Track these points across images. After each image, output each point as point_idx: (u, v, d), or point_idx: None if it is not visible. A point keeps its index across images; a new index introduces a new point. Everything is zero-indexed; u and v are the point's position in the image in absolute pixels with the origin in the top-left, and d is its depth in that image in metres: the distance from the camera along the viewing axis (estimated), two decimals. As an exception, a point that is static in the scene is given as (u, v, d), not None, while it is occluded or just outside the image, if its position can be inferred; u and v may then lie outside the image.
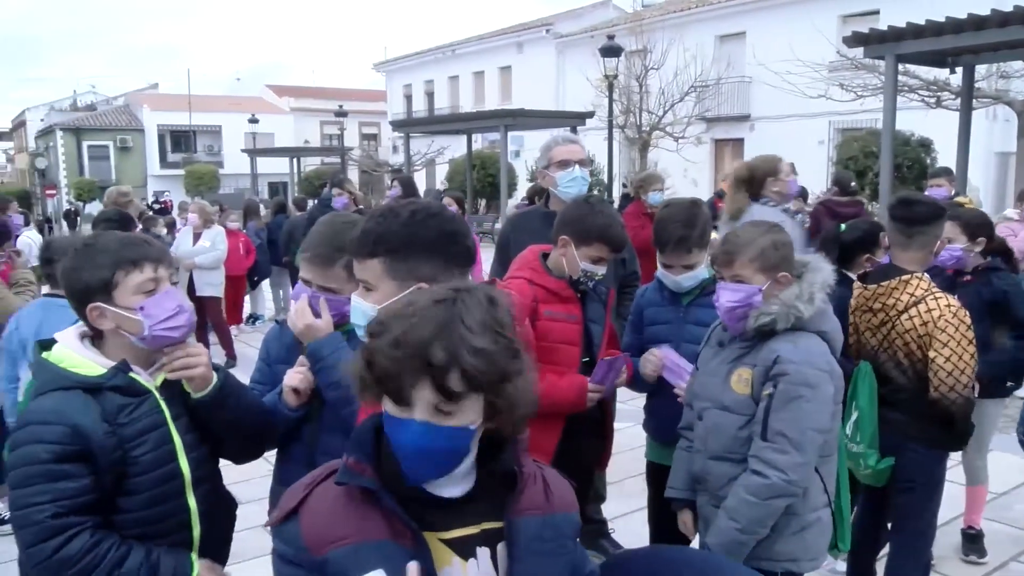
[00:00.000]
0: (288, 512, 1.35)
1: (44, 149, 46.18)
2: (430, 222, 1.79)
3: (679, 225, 2.88)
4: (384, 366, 1.23)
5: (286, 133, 42.90)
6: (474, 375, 1.21)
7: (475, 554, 1.34)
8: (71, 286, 1.93)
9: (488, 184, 26.08)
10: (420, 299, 1.28)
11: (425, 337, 1.21)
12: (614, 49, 18.81)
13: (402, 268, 1.76)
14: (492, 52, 35.11)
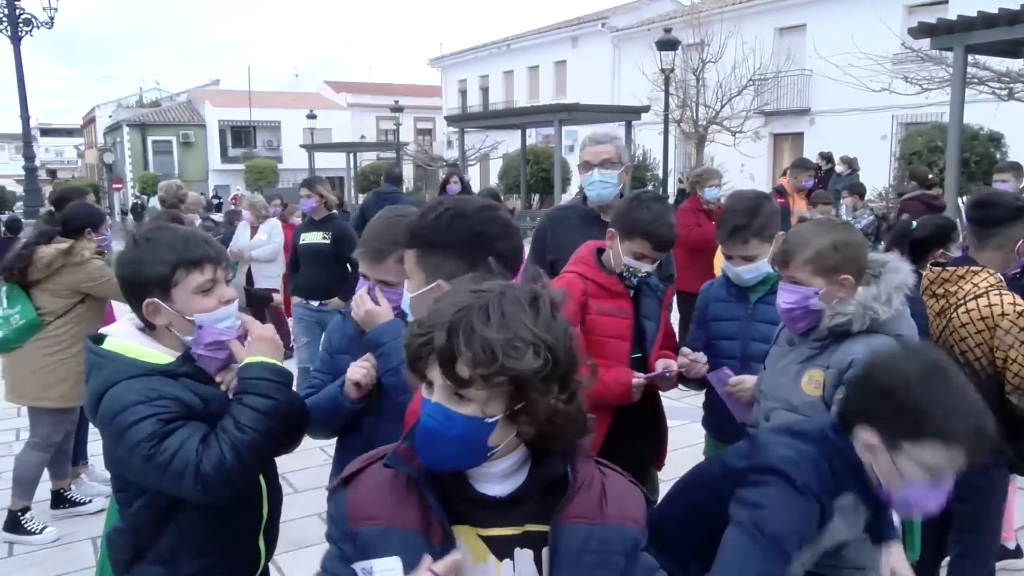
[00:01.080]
0: (343, 480, 1.42)
1: (111, 144, 47.67)
2: (457, 223, 1.82)
3: (740, 214, 2.82)
4: (407, 347, 1.29)
5: (343, 128, 43.50)
6: (477, 364, 1.20)
7: (513, 555, 1.34)
8: (129, 277, 1.93)
9: (542, 179, 26.02)
10: (460, 287, 1.32)
11: (437, 322, 1.24)
12: (671, 42, 18.58)
13: (429, 263, 1.84)
14: (547, 46, 35.02)
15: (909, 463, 1.64)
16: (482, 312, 1.22)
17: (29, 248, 4.29)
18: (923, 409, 1.59)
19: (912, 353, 1.64)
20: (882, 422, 1.65)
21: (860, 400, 1.70)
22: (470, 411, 1.25)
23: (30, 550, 4.39)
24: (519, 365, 1.20)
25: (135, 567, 1.95)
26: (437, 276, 1.79)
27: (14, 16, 15.85)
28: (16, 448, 5.29)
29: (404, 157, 30.37)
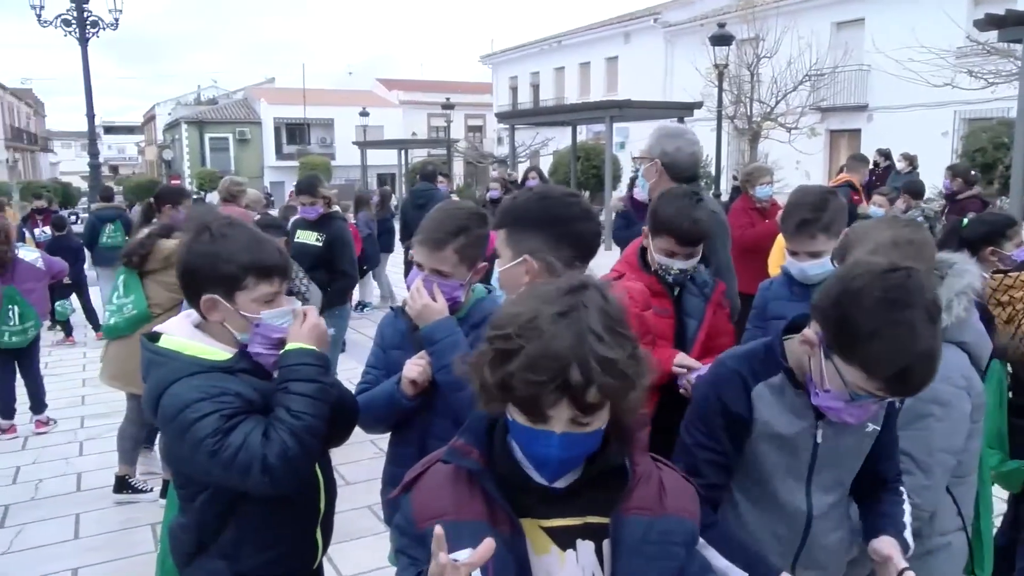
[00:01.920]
0: (404, 486, 1.43)
1: (170, 141, 48.92)
2: (542, 203, 2.05)
3: (807, 208, 2.77)
4: (522, 392, 1.23)
5: (395, 125, 43.92)
6: (611, 389, 1.22)
7: (575, 545, 1.35)
8: (197, 269, 1.91)
9: (592, 176, 25.92)
10: (543, 310, 1.25)
11: (561, 358, 1.20)
12: (725, 37, 18.34)
13: (516, 239, 2.03)
14: (598, 42, 34.84)
15: (833, 373, 1.64)
16: (594, 337, 1.22)
17: (152, 238, 4.48)
18: (858, 333, 1.56)
19: (883, 276, 1.57)
20: (825, 325, 1.64)
21: (820, 297, 1.68)
22: (592, 429, 1.28)
23: (93, 534, 4.55)
24: (643, 378, 1.27)
25: (197, 560, 2.00)
26: (523, 251, 2.00)
27: (82, 19, 16.36)
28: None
29: (455, 154, 30.53)
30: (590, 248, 2.10)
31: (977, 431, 2.22)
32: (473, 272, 2.24)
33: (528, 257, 1.99)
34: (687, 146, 3.44)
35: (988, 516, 2.50)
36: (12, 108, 49.02)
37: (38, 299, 6.12)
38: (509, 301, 1.37)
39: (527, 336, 1.23)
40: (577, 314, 1.24)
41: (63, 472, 5.51)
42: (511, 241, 2.04)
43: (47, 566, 4.18)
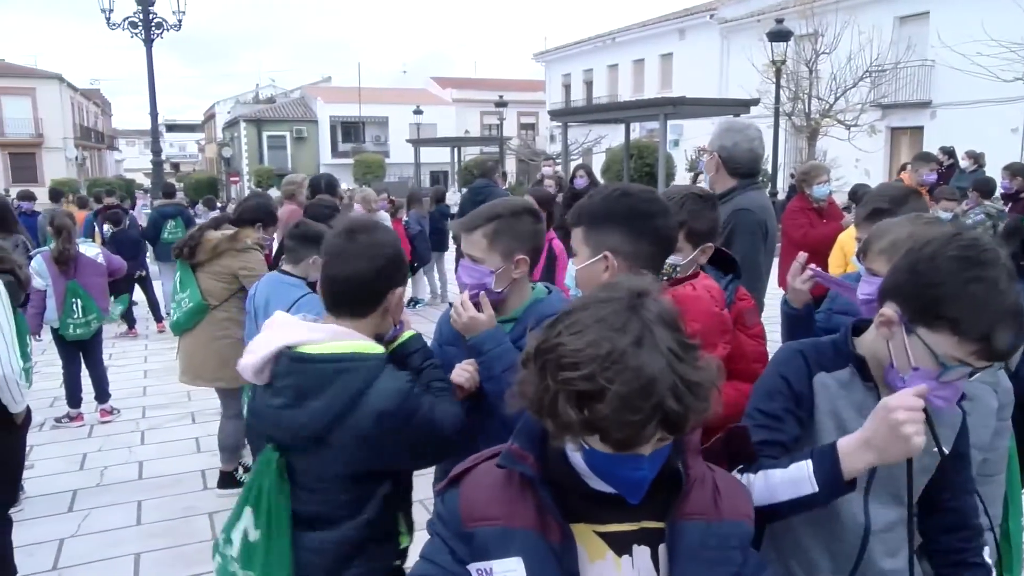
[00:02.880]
0: (451, 480, 1.43)
1: (229, 139, 49.99)
2: (623, 200, 2.03)
3: (885, 199, 2.71)
4: (618, 433, 1.18)
5: (448, 123, 44.20)
6: (702, 409, 1.21)
7: (631, 551, 1.33)
8: (400, 267, 2.11)
9: (645, 174, 25.70)
10: (617, 341, 1.19)
11: (656, 392, 1.16)
12: (783, 33, 18.01)
13: (596, 237, 2.02)
14: (653, 39, 34.53)
15: (920, 348, 1.56)
16: (675, 358, 1.19)
17: (200, 230, 4.61)
18: (941, 295, 1.49)
19: (954, 239, 1.53)
20: (904, 299, 1.58)
21: (891, 275, 1.63)
22: (667, 442, 1.27)
23: (154, 520, 4.69)
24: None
25: (356, 565, 2.01)
26: (603, 249, 2.00)
27: (147, 21, 16.83)
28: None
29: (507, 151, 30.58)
30: (670, 244, 2.12)
31: (1005, 429, 2.16)
32: (512, 263, 2.20)
33: (609, 254, 1.99)
34: (745, 141, 3.41)
35: (1018, 517, 2.42)
36: (82, 108, 50.69)
37: (99, 293, 6.35)
38: (564, 325, 1.26)
39: (612, 374, 1.16)
40: (652, 338, 1.19)
41: (126, 460, 5.70)
42: (590, 238, 2.03)
43: (112, 550, 4.33)
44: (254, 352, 1.98)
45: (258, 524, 1.95)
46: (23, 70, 45.61)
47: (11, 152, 43.67)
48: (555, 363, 1.22)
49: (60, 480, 5.29)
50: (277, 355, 1.97)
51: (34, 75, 45.19)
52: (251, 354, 1.98)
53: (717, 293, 2.17)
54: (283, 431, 1.97)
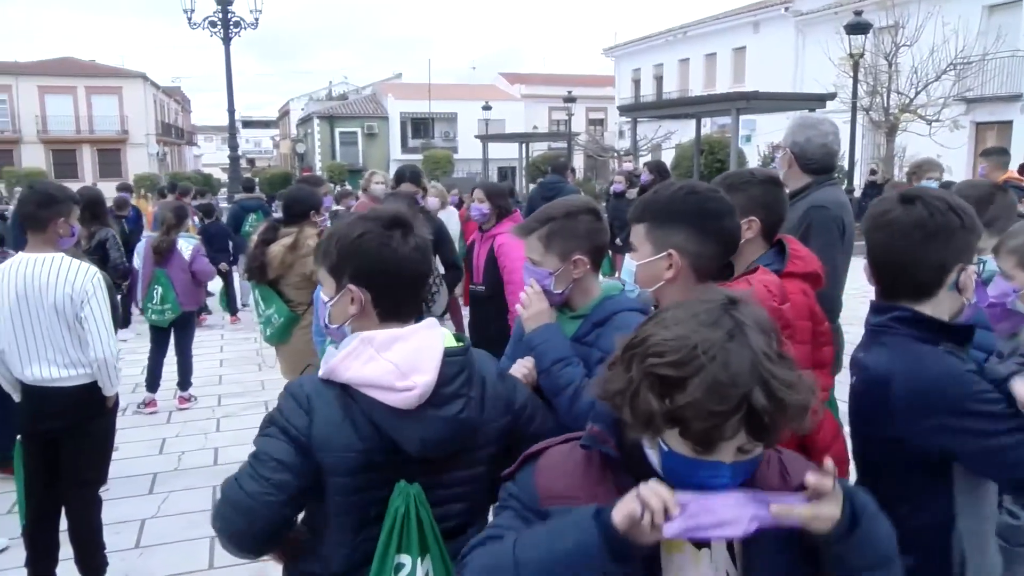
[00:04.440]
0: (523, 460, 1.46)
1: (303, 135, 51.15)
2: (690, 198, 1.98)
3: (970, 200, 2.62)
4: (700, 424, 1.16)
5: (516, 119, 44.27)
6: (795, 410, 1.18)
7: (710, 544, 1.32)
8: (413, 275, 1.85)
9: (716, 170, 25.27)
10: (707, 333, 1.19)
11: (743, 383, 1.15)
12: (861, 26, 17.49)
13: (659, 234, 1.97)
14: (726, 33, 33.94)
15: None
16: (767, 357, 1.18)
17: (260, 248, 4.53)
18: None
19: None
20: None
21: None
22: (754, 455, 1.23)
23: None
24: (814, 398, 1.22)
25: None
26: (667, 246, 1.95)
27: (226, 20, 17.34)
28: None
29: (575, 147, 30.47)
30: (735, 244, 2.07)
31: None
32: (570, 263, 2.21)
33: (673, 252, 1.94)
34: (818, 137, 3.34)
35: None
36: (163, 105, 52.55)
37: (180, 287, 6.62)
38: (654, 323, 1.27)
39: (699, 362, 1.16)
40: (744, 337, 1.18)
41: (202, 446, 5.90)
42: (653, 235, 1.98)
43: (189, 532, 4.49)
44: (423, 371, 1.69)
45: (433, 564, 1.75)
46: (111, 70, 47.56)
47: (99, 148, 45.64)
48: (642, 354, 1.21)
49: (141, 463, 5.50)
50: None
51: (120, 75, 47.05)
52: (421, 374, 1.68)
53: (775, 287, 2.11)
54: (453, 442, 1.75)
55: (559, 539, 1.26)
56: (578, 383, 2.10)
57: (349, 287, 1.76)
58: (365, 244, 1.75)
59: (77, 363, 3.50)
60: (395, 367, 1.67)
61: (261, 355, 8.37)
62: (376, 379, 1.67)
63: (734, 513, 1.20)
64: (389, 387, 1.66)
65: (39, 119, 44.35)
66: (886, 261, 1.80)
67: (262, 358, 8.26)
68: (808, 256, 2.40)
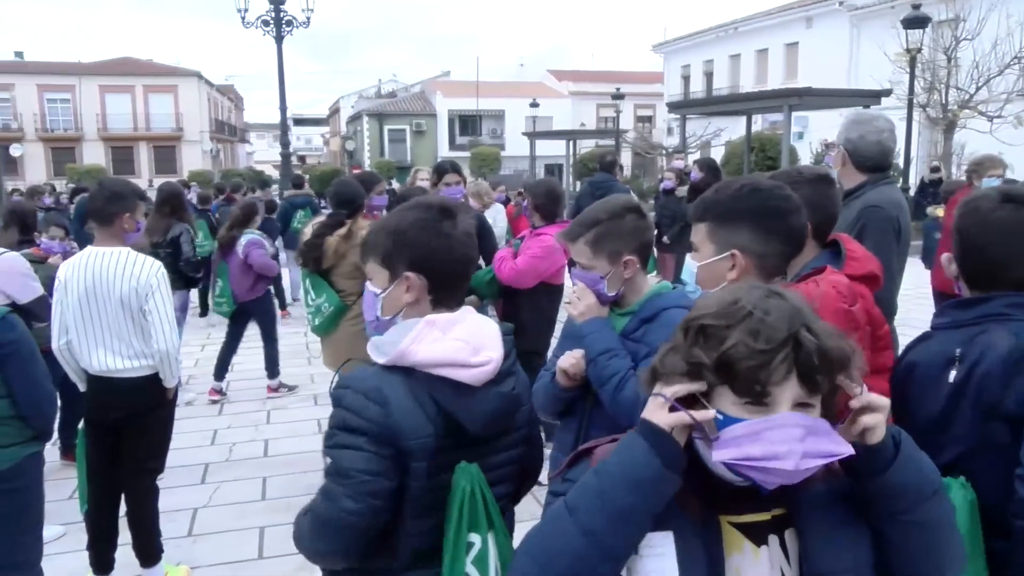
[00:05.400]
0: (578, 455, 1.42)
1: (352, 133, 51.73)
2: (752, 196, 1.94)
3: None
4: (747, 362, 1.16)
5: (564, 116, 44.18)
6: (838, 356, 1.18)
7: (767, 541, 1.29)
8: (466, 259, 1.87)
9: (767, 167, 24.89)
10: (747, 293, 1.23)
11: (782, 327, 1.16)
12: (919, 19, 17.04)
13: (722, 234, 1.94)
14: (778, 28, 33.40)
15: None
16: (808, 314, 1.21)
17: (320, 239, 4.62)
18: None
19: None
20: None
21: None
22: (815, 410, 1.21)
23: (278, 496, 4.93)
24: (859, 358, 1.23)
25: None
26: (730, 246, 1.92)
27: (279, 19, 17.63)
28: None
29: (623, 144, 30.29)
30: (800, 243, 2.03)
31: None
32: (619, 265, 2.21)
33: (737, 252, 1.91)
34: (873, 134, 3.25)
35: None
36: (217, 103, 53.63)
37: (236, 281, 6.78)
38: (699, 303, 1.31)
39: (741, 313, 1.19)
40: (782, 296, 1.23)
41: (252, 438, 6.01)
42: (715, 235, 1.95)
43: (239, 522, 4.58)
44: (493, 347, 1.75)
45: (497, 538, 1.78)
46: (167, 69, 48.71)
47: (155, 145, 46.83)
48: (686, 321, 1.27)
49: (193, 453, 5.63)
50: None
51: (176, 73, 48.17)
52: (491, 350, 1.74)
53: (844, 288, 2.06)
54: (506, 418, 1.81)
55: (605, 472, 1.26)
56: (623, 374, 2.12)
57: (407, 275, 1.77)
58: (420, 231, 1.77)
59: (140, 354, 3.61)
60: (466, 343, 1.70)
61: (310, 349, 8.50)
62: (449, 357, 1.68)
63: (786, 446, 1.17)
64: (464, 364, 1.68)
65: (99, 117, 45.66)
66: (985, 258, 1.86)
67: (311, 352, 8.39)
68: (865, 256, 2.35)
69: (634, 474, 1.22)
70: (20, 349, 2.85)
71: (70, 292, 3.55)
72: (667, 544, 1.26)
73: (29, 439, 2.97)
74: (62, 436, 5.24)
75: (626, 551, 1.25)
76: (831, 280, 2.08)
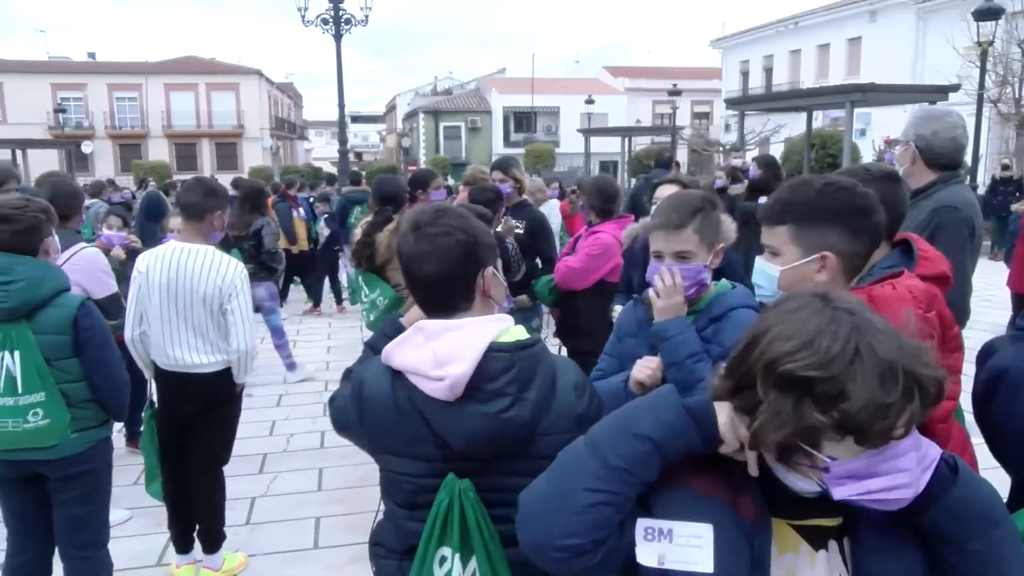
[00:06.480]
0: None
1: (408, 130, 52.17)
2: (840, 195, 1.87)
3: None
4: (880, 423, 1.09)
5: (619, 113, 43.88)
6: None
7: (827, 546, 1.27)
8: (481, 245, 1.83)
9: (828, 165, 24.34)
10: (827, 327, 1.13)
11: (906, 361, 1.10)
12: (992, 11, 16.44)
13: (809, 235, 1.87)
14: (840, 22, 32.65)
15: None
16: (910, 347, 1.15)
17: (370, 237, 4.68)
18: None
19: None
20: None
21: None
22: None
23: (333, 487, 5.00)
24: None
25: None
26: (818, 248, 1.85)
27: (338, 17, 17.86)
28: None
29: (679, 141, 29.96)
30: (879, 242, 1.98)
31: None
32: (713, 255, 2.21)
33: (828, 254, 1.84)
34: (947, 130, 3.14)
35: None
36: (277, 100, 54.64)
37: None
38: (766, 333, 1.18)
39: (845, 357, 1.09)
40: (871, 324, 1.14)
41: (309, 429, 6.11)
42: (801, 237, 1.87)
43: (295, 512, 4.66)
44: (459, 362, 1.67)
45: (479, 563, 1.72)
46: (228, 67, 49.78)
47: (217, 142, 47.90)
48: (772, 371, 1.15)
49: (252, 443, 5.74)
50: (484, 356, 1.71)
51: (238, 71, 49.19)
52: (456, 364, 1.67)
53: (920, 293, 2.00)
54: (496, 442, 1.70)
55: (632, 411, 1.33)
56: (707, 381, 2.06)
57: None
58: (399, 240, 1.87)
59: (215, 350, 3.69)
60: (433, 356, 1.69)
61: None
62: (415, 366, 1.71)
63: (907, 476, 1.13)
64: (425, 375, 1.69)
65: (164, 115, 46.90)
66: None
67: (366, 346, 8.49)
68: (936, 257, 2.28)
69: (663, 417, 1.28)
70: (97, 334, 2.97)
71: (151, 285, 3.64)
72: (706, 535, 1.24)
73: (102, 423, 3.09)
74: (127, 423, 5.40)
75: (626, 469, 1.26)
76: (907, 284, 2.01)
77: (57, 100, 43.85)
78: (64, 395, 2.91)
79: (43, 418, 2.86)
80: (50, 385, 2.87)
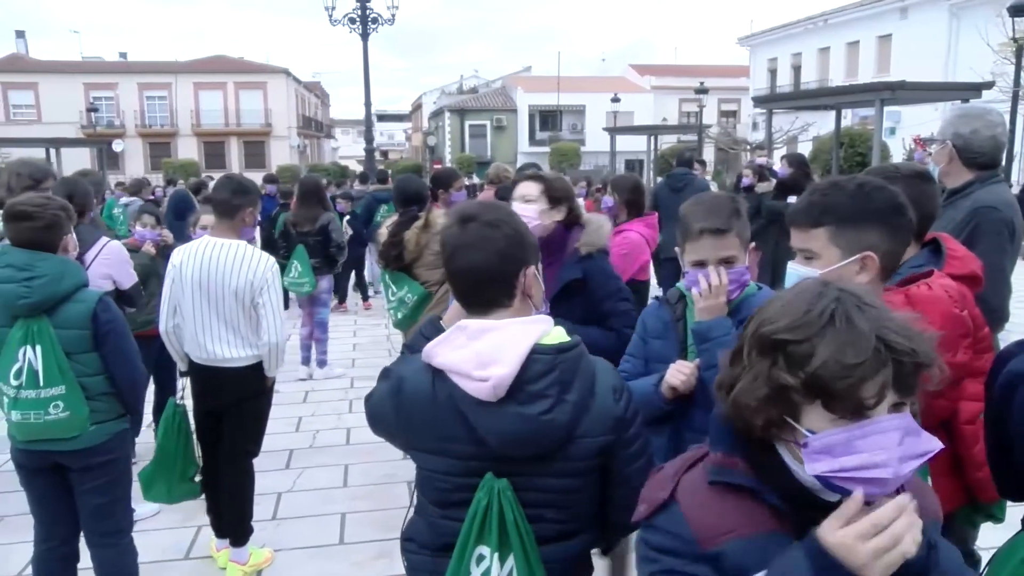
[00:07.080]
0: (661, 503, 1.30)
1: (434, 128, 52.35)
2: (877, 194, 1.87)
3: None
4: (842, 382, 1.09)
5: (645, 111, 43.70)
6: (927, 353, 1.12)
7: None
8: (526, 242, 1.81)
9: (857, 164, 24.07)
10: (818, 299, 1.15)
11: (874, 330, 1.10)
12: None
13: (849, 237, 1.84)
14: (870, 20, 32.25)
15: None
16: (891, 317, 1.15)
17: (398, 236, 4.64)
18: None
19: None
20: None
21: None
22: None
23: (359, 484, 5.02)
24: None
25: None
26: (858, 249, 1.84)
27: (364, 16, 17.95)
28: (352, 394, 6.07)
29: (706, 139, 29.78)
30: (911, 240, 1.97)
31: None
32: (746, 255, 2.20)
33: (872, 255, 1.83)
34: (986, 128, 3.07)
35: None
36: (304, 99, 55.06)
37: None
38: (763, 307, 1.24)
39: (820, 322, 1.12)
40: (858, 307, 1.14)
41: (335, 426, 6.14)
42: (840, 239, 1.85)
43: (321, 507, 4.69)
44: (502, 364, 1.65)
45: (516, 562, 1.71)
46: (256, 66, 50.25)
47: (245, 141, 48.39)
48: (756, 336, 1.19)
49: (279, 439, 5.78)
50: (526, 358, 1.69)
51: (265, 71, 49.63)
52: (499, 366, 1.65)
53: (956, 292, 1.96)
54: (535, 443, 1.69)
55: None
56: None
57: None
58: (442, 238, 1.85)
59: (247, 344, 3.74)
60: (476, 356, 1.67)
61: (391, 341, 8.64)
62: (457, 366, 1.69)
63: (885, 454, 1.11)
64: (467, 375, 1.67)
65: (193, 113, 47.45)
66: None
67: (392, 344, 8.52)
68: (966, 256, 2.24)
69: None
70: (117, 328, 3.03)
71: (183, 279, 3.69)
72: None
73: (120, 415, 3.15)
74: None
75: None
76: (942, 284, 1.98)
77: (89, 99, 44.58)
78: (83, 388, 2.97)
79: (63, 410, 2.94)
80: (70, 379, 2.93)
